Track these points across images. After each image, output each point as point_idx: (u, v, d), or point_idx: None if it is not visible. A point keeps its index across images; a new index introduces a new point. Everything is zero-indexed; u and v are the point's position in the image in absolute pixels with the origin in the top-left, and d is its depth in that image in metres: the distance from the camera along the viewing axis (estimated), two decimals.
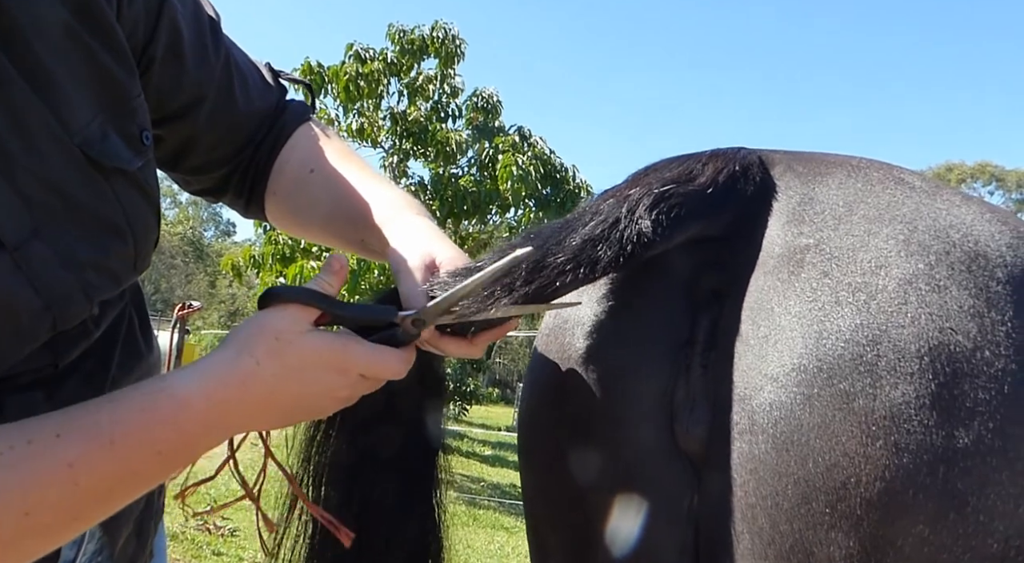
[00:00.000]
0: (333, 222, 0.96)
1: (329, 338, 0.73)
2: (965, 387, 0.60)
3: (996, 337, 0.61)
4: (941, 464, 0.59)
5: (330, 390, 0.74)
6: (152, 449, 0.66)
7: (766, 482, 0.65)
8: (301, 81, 1.07)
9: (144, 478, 0.68)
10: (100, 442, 0.63)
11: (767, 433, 0.65)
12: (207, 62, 0.90)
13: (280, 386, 0.71)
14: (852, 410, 0.62)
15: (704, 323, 0.73)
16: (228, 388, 0.68)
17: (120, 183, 0.75)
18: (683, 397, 0.73)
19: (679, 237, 0.74)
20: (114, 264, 0.75)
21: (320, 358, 0.72)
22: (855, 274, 0.66)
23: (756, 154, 0.79)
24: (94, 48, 0.72)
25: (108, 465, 0.64)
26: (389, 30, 11.02)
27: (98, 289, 0.74)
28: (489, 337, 0.80)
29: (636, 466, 0.74)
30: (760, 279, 0.70)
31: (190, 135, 0.93)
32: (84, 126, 0.71)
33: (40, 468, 0.61)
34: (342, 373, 0.73)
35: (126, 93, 0.76)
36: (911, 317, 0.62)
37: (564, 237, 0.74)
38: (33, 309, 0.67)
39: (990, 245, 0.66)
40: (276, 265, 9.89)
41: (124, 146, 0.75)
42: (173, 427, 0.66)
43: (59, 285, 0.68)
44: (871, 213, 0.69)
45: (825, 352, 0.64)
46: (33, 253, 0.66)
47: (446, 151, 10.77)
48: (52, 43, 0.69)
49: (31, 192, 0.67)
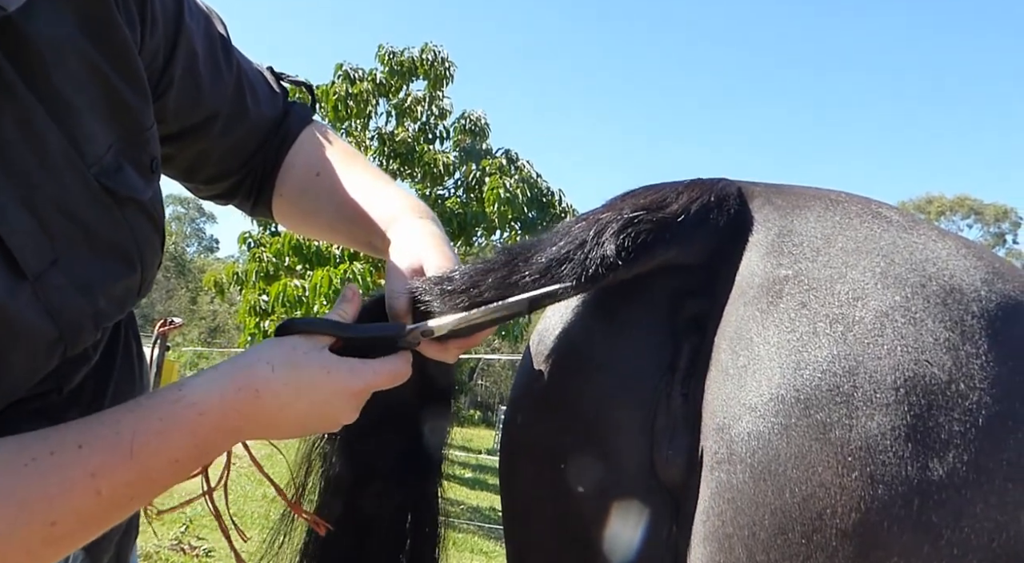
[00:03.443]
0: (340, 223, 0.99)
1: (341, 362, 0.75)
2: (940, 419, 0.61)
3: (971, 370, 0.62)
4: (916, 496, 0.60)
5: (339, 410, 0.76)
6: (170, 457, 0.67)
7: (743, 512, 0.65)
8: (303, 83, 1.09)
9: (160, 485, 0.69)
10: (121, 452, 0.64)
11: (745, 462, 0.65)
12: (221, 79, 0.92)
13: (292, 397, 0.72)
14: (829, 440, 0.62)
15: (685, 351, 0.74)
16: (244, 395, 0.70)
17: (132, 211, 0.76)
18: (663, 425, 0.73)
19: (646, 262, 0.75)
20: (122, 291, 0.77)
21: (332, 379, 0.74)
22: (833, 305, 0.66)
23: (735, 185, 0.80)
24: (113, 80, 0.74)
25: (128, 474, 0.65)
26: (379, 51, 11.07)
27: (107, 316, 0.75)
28: (462, 343, 0.82)
29: (615, 493, 0.74)
30: (740, 308, 0.71)
31: (204, 148, 0.95)
32: (100, 156, 0.73)
33: (64, 479, 0.62)
34: (353, 396, 0.76)
35: (140, 124, 0.78)
36: (887, 349, 0.63)
37: (532, 255, 0.76)
38: (49, 338, 0.68)
39: (965, 279, 0.67)
40: (260, 282, 9.84)
41: (136, 175, 0.77)
42: (190, 435, 0.67)
43: (73, 313, 0.70)
44: (849, 246, 0.70)
45: (803, 382, 0.64)
46: (51, 282, 0.68)
47: (433, 172, 10.81)
48: (72, 74, 0.70)
49: (51, 221, 0.68)
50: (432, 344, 0.81)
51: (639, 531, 0.73)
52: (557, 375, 0.82)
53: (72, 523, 0.63)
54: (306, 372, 0.73)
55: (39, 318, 0.67)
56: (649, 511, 0.73)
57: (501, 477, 0.91)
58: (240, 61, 0.97)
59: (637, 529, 0.73)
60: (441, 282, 0.80)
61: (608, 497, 0.75)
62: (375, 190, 0.95)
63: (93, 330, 0.74)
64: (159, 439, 0.66)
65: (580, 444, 0.77)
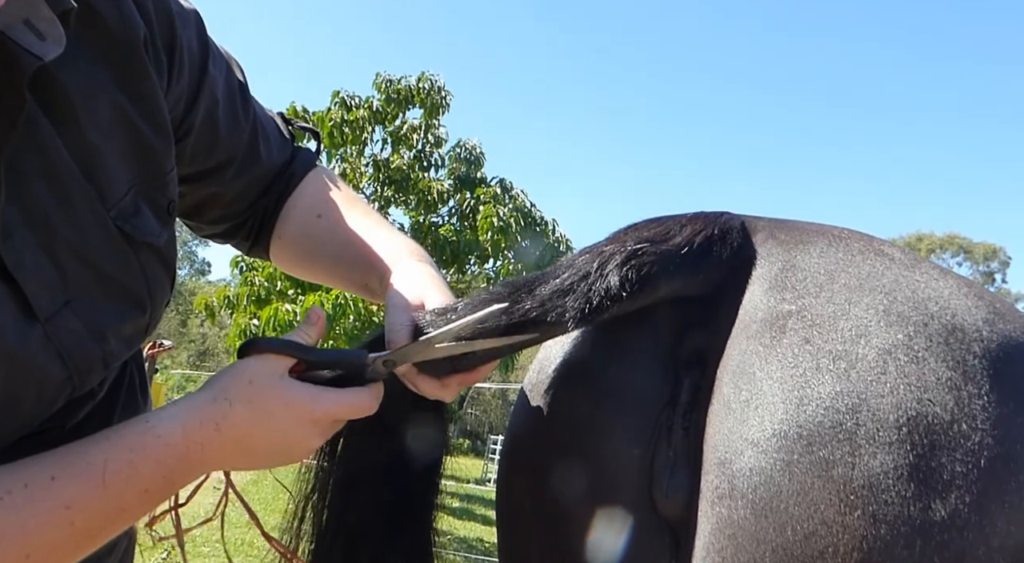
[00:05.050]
0: (338, 266, 0.99)
1: (299, 389, 0.75)
2: (943, 459, 0.61)
3: (973, 410, 0.62)
4: (918, 537, 0.59)
5: (301, 438, 0.75)
6: (140, 487, 0.68)
7: (744, 548, 0.64)
8: (311, 129, 1.11)
9: (130, 515, 0.70)
10: (94, 483, 0.64)
11: (747, 498, 0.64)
12: (238, 126, 0.94)
13: (252, 430, 0.72)
14: (831, 478, 0.62)
15: (687, 384, 0.74)
16: (205, 429, 0.70)
17: (146, 256, 0.78)
18: (664, 459, 0.72)
19: (649, 295, 0.75)
20: (131, 331, 0.78)
21: (289, 409, 0.74)
22: (836, 342, 0.66)
23: (739, 219, 0.80)
24: (139, 125, 0.76)
25: (100, 504, 0.65)
26: (376, 79, 11.15)
27: (116, 356, 0.76)
28: (460, 380, 0.81)
29: (613, 526, 0.73)
30: (743, 343, 0.71)
31: (215, 192, 0.97)
32: (119, 199, 0.75)
33: (39, 511, 0.62)
34: (314, 423, 0.75)
35: (162, 167, 0.80)
36: (890, 387, 0.63)
37: (536, 287, 0.76)
38: (59, 379, 0.69)
39: (967, 319, 0.67)
40: (251, 306, 9.80)
41: (153, 218, 0.78)
42: (159, 466, 0.68)
43: (83, 355, 0.71)
44: (852, 282, 0.70)
45: (805, 418, 0.64)
46: (63, 324, 0.69)
47: (427, 200, 10.84)
48: (101, 120, 0.73)
49: (67, 264, 0.70)
50: (429, 380, 0.80)
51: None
52: (556, 405, 0.81)
53: (45, 554, 0.63)
54: (263, 404, 0.73)
55: (49, 360, 0.68)
56: (648, 545, 0.72)
57: (497, 505, 0.90)
58: (255, 108, 0.98)
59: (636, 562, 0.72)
60: (444, 313, 0.79)
61: (606, 529, 0.74)
62: (376, 233, 0.96)
63: (102, 370, 0.75)
64: (130, 469, 0.67)
65: (579, 475, 0.77)
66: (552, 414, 0.81)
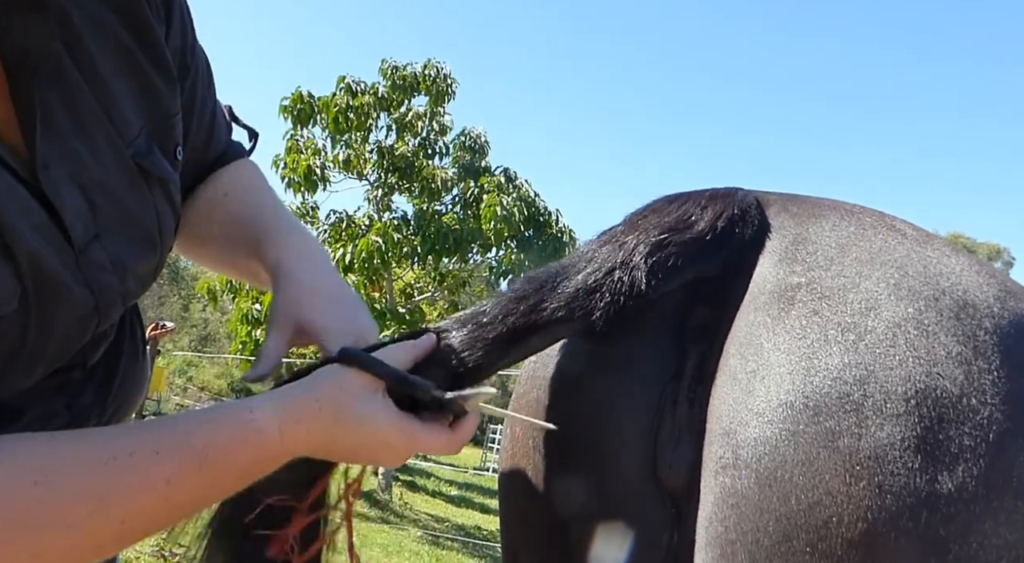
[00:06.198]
0: (231, 244, 0.97)
1: (395, 417, 0.74)
2: (951, 432, 0.60)
3: (982, 385, 0.62)
4: (924, 508, 0.59)
5: (383, 458, 0.76)
6: (235, 473, 0.69)
7: (747, 518, 0.64)
8: (251, 129, 1.08)
9: (221, 495, 0.71)
10: (194, 462, 0.66)
11: (751, 468, 0.64)
12: (207, 104, 0.94)
13: (339, 436, 0.73)
14: (837, 448, 0.61)
15: (693, 357, 0.73)
16: (298, 427, 0.71)
17: (158, 193, 0.79)
18: (668, 433, 0.72)
19: (676, 284, 0.74)
20: (145, 271, 0.79)
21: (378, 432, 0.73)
22: (845, 314, 0.66)
23: (753, 195, 0.80)
24: (146, 68, 0.78)
25: (196, 484, 0.67)
26: (382, 65, 11.12)
27: (132, 295, 0.78)
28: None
29: (616, 499, 0.73)
30: (750, 315, 0.70)
31: None
32: (134, 138, 0.76)
33: (143, 480, 0.64)
34: (399, 452, 0.75)
35: (168, 109, 0.81)
36: (899, 359, 0.62)
37: (559, 283, 0.74)
38: (88, 309, 0.71)
39: (978, 295, 0.66)
40: (253, 291, 9.81)
41: (164, 160, 0.79)
42: (254, 456, 0.70)
43: (108, 289, 0.73)
44: (863, 256, 0.70)
45: (812, 389, 0.63)
46: (93, 256, 0.71)
47: (431, 187, 10.82)
48: (112, 60, 0.75)
49: (95, 198, 0.71)
50: None
51: (640, 538, 0.72)
52: (560, 379, 0.81)
53: (140, 523, 0.64)
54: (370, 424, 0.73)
55: (81, 290, 0.70)
56: (650, 518, 0.72)
57: (500, 482, 0.89)
58: (216, 100, 0.98)
59: (638, 536, 0.72)
60: (476, 316, 0.76)
61: (609, 504, 0.74)
62: (277, 223, 0.94)
63: (120, 307, 0.76)
64: (227, 459, 0.68)
65: (581, 448, 0.76)
66: (556, 387, 0.80)
